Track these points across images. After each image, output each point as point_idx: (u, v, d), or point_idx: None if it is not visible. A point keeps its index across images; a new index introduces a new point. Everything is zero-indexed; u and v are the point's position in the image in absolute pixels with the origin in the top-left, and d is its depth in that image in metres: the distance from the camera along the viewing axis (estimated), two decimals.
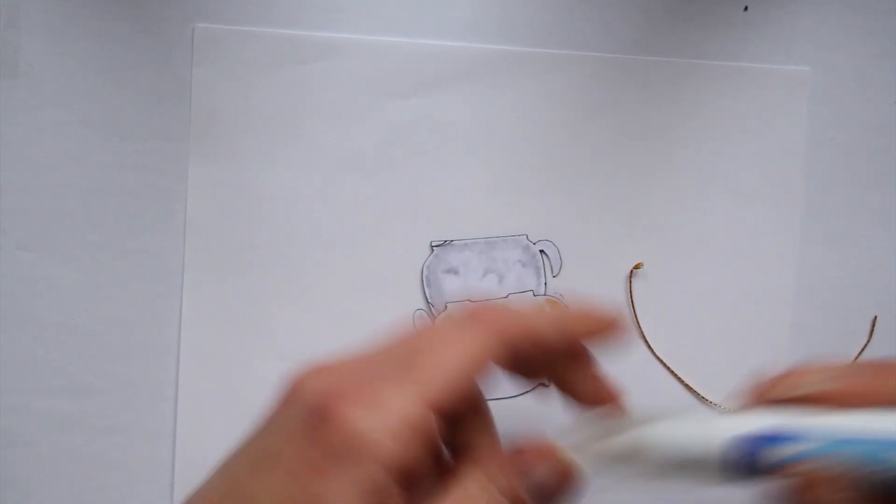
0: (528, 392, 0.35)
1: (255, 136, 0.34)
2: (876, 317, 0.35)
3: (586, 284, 0.35)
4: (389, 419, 0.23)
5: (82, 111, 0.34)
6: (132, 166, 0.34)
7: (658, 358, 0.34)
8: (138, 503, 0.34)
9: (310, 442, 0.23)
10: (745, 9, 0.35)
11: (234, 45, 0.34)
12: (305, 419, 0.24)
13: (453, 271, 0.30)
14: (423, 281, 0.30)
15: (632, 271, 0.34)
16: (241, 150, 0.34)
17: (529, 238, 0.30)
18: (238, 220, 0.34)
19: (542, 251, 0.31)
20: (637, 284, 0.34)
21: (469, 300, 0.30)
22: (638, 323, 0.35)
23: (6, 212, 0.34)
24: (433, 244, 0.29)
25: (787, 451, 0.22)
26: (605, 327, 0.27)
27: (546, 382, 0.27)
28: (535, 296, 0.31)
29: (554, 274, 0.31)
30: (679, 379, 0.34)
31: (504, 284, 0.30)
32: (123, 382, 0.34)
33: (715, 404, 0.32)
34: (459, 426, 0.27)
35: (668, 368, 0.34)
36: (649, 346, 0.34)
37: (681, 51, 0.35)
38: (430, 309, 0.32)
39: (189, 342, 0.34)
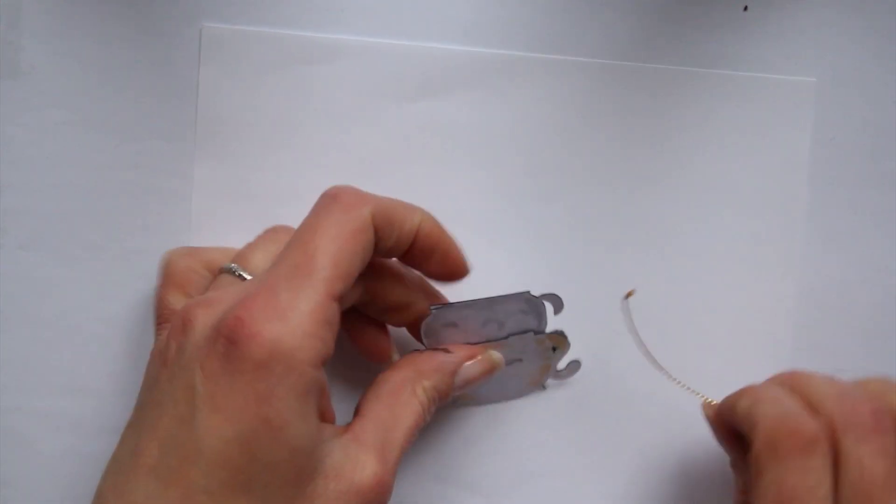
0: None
1: (261, 137, 0.34)
2: None
3: (586, 291, 0.35)
4: (303, 322, 0.24)
5: (83, 111, 0.34)
6: (133, 166, 0.34)
7: (655, 362, 0.34)
8: None
9: (231, 371, 0.23)
10: (745, 9, 0.35)
11: (242, 46, 0.34)
12: (217, 351, 0.24)
13: (452, 325, 0.30)
14: (421, 334, 0.30)
15: (626, 297, 0.34)
16: (246, 150, 0.34)
17: (532, 293, 0.30)
18: (243, 221, 0.34)
19: (543, 302, 0.31)
20: (638, 293, 0.34)
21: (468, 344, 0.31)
22: (636, 331, 0.35)
23: (6, 212, 0.34)
24: (431, 307, 0.29)
25: None
26: (452, 264, 0.29)
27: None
28: (536, 335, 0.31)
29: (556, 314, 0.31)
30: (673, 379, 0.34)
31: (504, 328, 0.31)
32: (123, 382, 0.34)
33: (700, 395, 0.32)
34: (381, 289, 0.29)
35: (668, 374, 0.34)
36: (649, 353, 0.34)
37: (681, 53, 0.35)
38: None
39: None
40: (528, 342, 0.31)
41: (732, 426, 0.30)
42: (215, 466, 0.23)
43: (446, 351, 0.30)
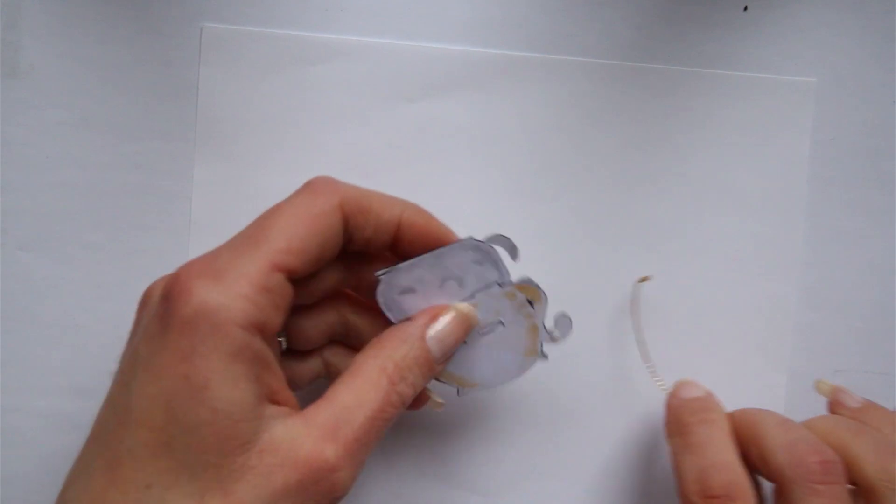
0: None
1: (261, 136, 0.34)
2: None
3: (587, 292, 0.35)
4: (236, 284, 0.24)
5: (83, 111, 0.34)
6: (133, 166, 0.34)
7: (646, 353, 0.34)
8: None
9: (162, 330, 0.23)
10: (745, 9, 0.35)
11: (242, 46, 0.34)
12: (156, 312, 0.24)
13: (410, 290, 0.29)
14: (381, 308, 0.29)
15: (640, 281, 0.34)
16: (246, 149, 0.34)
17: (475, 238, 0.30)
18: (242, 221, 0.34)
19: (492, 246, 0.30)
20: (640, 293, 0.34)
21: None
22: (641, 331, 0.34)
23: (6, 212, 0.34)
24: (377, 273, 0.28)
25: None
26: (437, 236, 0.29)
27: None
28: (501, 286, 0.30)
29: (514, 259, 0.31)
30: (653, 375, 0.34)
31: (466, 285, 0.30)
32: None
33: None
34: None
35: (652, 368, 0.34)
36: (647, 354, 0.34)
37: (681, 53, 0.35)
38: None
39: None
40: (498, 299, 0.31)
41: None
42: (139, 426, 0.23)
43: (407, 319, 0.29)
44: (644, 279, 0.34)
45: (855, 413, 0.31)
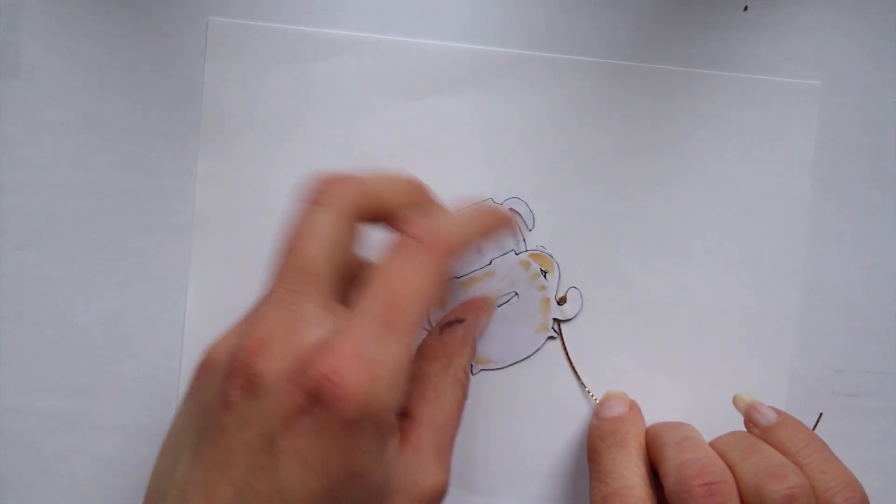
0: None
1: (265, 133, 0.34)
2: (821, 414, 0.35)
3: (588, 290, 0.35)
4: (389, 377, 0.24)
5: (83, 111, 0.34)
6: (134, 166, 0.34)
7: (579, 379, 0.34)
8: None
9: (319, 431, 0.23)
10: (745, 9, 0.35)
11: (247, 40, 0.34)
12: (296, 407, 0.23)
13: None
14: None
15: (559, 303, 0.34)
16: (250, 145, 0.34)
17: (494, 200, 0.30)
18: (246, 215, 0.34)
19: (511, 209, 0.30)
20: (640, 293, 0.34)
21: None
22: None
23: (6, 212, 0.34)
24: None
25: None
26: (500, 224, 0.30)
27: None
28: (516, 254, 0.31)
29: (529, 228, 0.31)
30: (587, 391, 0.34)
31: (483, 253, 0.30)
32: (123, 382, 0.34)
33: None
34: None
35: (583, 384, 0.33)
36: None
37: (681, 53, 0.35)
38: None
39: (192, 342, 0.34)
40: (513, 266, 0.31)
41: None
42: None
43: (459, 320, 0.31)
44: (562, 300, 0.34)
45: (764, 431, 0.31)
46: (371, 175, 0.28)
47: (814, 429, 0.33)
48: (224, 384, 0.25)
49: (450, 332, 0.30)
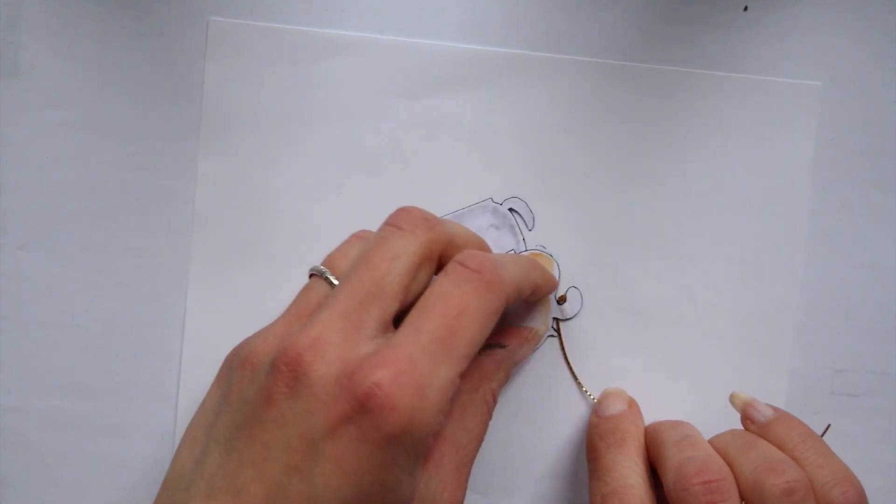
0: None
1: (265, 133, 0.34)
2: (829, 425, 0.35)
3: (588, 292, 0.35)
4: (436, 398, 0.24)
5: (83, 111, 0.34)
6: (134, 166, 0.34)
7: (577, 379, 0.34)
8: None
9: (360, 439, 0.23)
10: (745, 9, 0.35)
11: (248, 40, 0.34)
12: (342, 414, 0.23)
13: None
14: None
15: (559, 303, 0.34)
16: (249, 146, 0.34)
17: (494, 200, 0.30)
18: (246, 216, 0.34)
19: (511, 209, 0.31)
20: (640, 294, 0.34)
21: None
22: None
23: (6, 212, 0.34)
24: None
25: None
26: (548, 285, 0.31)
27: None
28: (516, 254, 0.31)
29: (529, 228, 0.31)
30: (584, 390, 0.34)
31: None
32: (123, 382, 0.34)
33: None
34: None
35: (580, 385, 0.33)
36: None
37: (680, 53, 0.35)
38: None
39: (192, 342, 0.34)
40: None
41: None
42: None
43: (500, 345, 0.31)
44: (562, 299, 0.34)
45: (761, 428, 0.31)
46: (451, 222, 0.29)
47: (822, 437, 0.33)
48: (268, 380, 0.24)
49: (489, 355, 0.30)
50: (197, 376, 0.34)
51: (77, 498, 0.34)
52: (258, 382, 0.25)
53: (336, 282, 0.28)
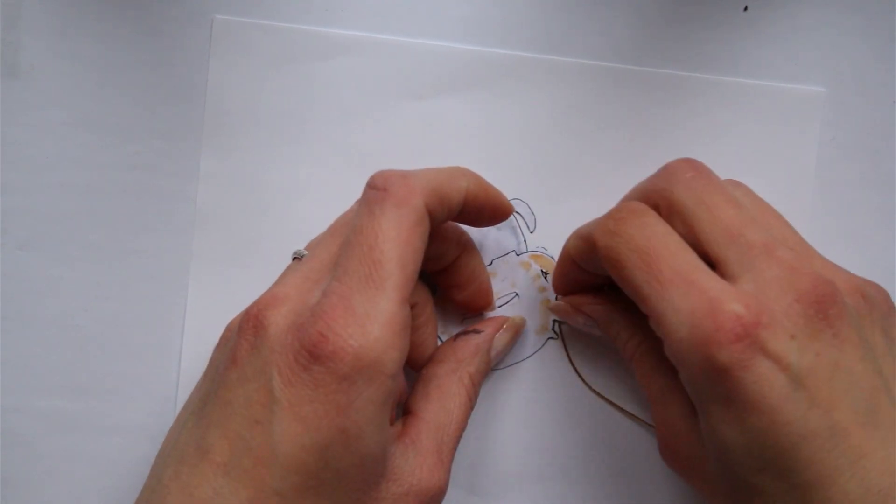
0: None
1: (268, 132, 0.34)
2: None
3: None
4: (380, 332, 0.24)
5: (83, 111, 0.34)
6: (134, 166, 0.34)
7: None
8: None
9: (314, 385, 0.24)
10: (745, 9, 0.35)
11: (251, 39, 0.34)
12: (296, 364, 0.24)
13: None
14: None
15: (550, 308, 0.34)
16: (252, 144, 0.34)
17: None
18: (248, 215, 0.34)
19: (515, 215, 0.31)
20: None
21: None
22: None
23: (6, 212, 0.34)
24: None
25: None
26: (501, 215, 0.30)
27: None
28: (517, 255, 0.31)
29: (531, 230, 0.31)
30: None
31: (484, 251, 0.31)
32: (123, 382, 0.34)
33: None
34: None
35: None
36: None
37: (680, 53, 0.35)
38: None
39: (192, 342, 0.34)
40: (513, 267, 0.32)
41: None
42: (290, 471, 0.23)
43: (476, 331, 0.31)
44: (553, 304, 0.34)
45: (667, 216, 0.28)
46: (427, 170, 0.28)
47: None
48: (235, 343, 0.25)
49: (463, 340, 0.31)
50: (197, 376, 0.34)
51: (77, 498, 0.34)
52: (228, 348, 0.26)
53: None
